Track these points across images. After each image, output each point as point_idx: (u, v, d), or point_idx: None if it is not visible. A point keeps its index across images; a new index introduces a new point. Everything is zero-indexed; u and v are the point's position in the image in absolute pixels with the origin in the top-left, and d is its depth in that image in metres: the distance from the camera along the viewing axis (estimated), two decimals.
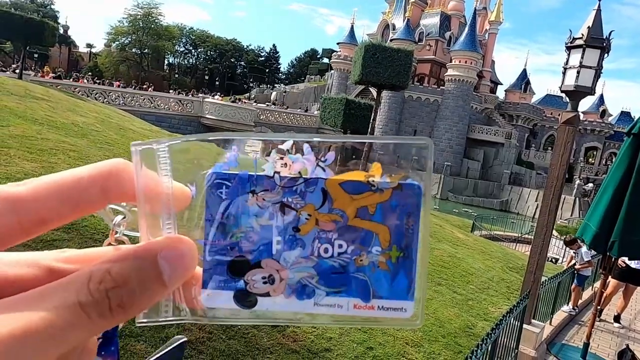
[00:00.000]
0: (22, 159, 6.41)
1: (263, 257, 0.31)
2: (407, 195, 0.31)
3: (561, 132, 5.21)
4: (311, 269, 0.31)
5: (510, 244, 17.00)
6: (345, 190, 0.31)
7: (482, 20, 56.42)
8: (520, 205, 42.62)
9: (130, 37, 67.79)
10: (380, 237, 0.31)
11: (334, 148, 0.32)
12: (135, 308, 0.26)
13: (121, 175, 0.29)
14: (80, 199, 0.28)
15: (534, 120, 54.75)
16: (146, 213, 0.30)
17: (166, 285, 0.27)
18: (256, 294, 0.30)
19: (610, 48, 5.12)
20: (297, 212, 0.31)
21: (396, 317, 0.31)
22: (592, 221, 5.36)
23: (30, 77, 24.01)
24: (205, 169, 0.31)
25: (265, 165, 0.31)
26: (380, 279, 0.31)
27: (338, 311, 0.31)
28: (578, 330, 7.57)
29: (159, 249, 0.27)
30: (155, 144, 0.30)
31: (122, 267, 0.26)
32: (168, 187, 0.30)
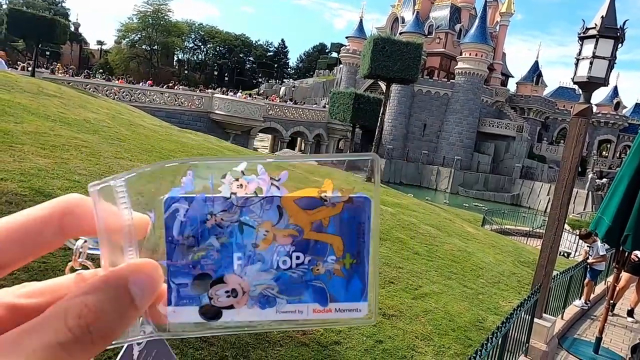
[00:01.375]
0: (35, 155, 6.51)
1: (225, 273, 0.32)
2: (357, 207, 0.34)
3: (573, 125, 5.14)
4: (271, 281, 0.33)
5: (521, 238, 16.86)
6: (299, 206, 0.33)
7: (493, 12, 55.59)
8: (532, 199, 42.17)
9: (140, 33, 68.22)
10: (334, 247, 0.34)
11: (286, 168, 0.34)
12: (115, 336, 0.27)
13: (77, 212, 0.29)
14: (37, 241, 0.28)
15: (546, 113, 53.98)
16: (108, 244, 0.30)
17: (138, 309, 0.28)
18: (220, 307, 0.32)
19: (625, 38, 5.02)
20: (255, 230, 0.33)
21: (352, 317, 0.34)
22: (606, 215, 5.29)
23: (43, 74, 24.34)
24: (162, 194, 0.32)
25: (222, 187, 0.33)
26: (336, 284, 0.33)
27: (299, 316, 0.33)
28: (590, 324, 7.49)
29: (128, 275, 0.28)
30: (112, 180, 0.31)
31: (98, 299, 0.26)
32: (129, 219, 0.30)
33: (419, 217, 11.09)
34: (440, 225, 11.11)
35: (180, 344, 3.52)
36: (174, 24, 70.05)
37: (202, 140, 14.91)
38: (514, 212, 24.97)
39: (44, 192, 5.30)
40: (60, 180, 5.84)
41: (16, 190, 5.14)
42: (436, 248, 8.55)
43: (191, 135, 15.37)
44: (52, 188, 5.46)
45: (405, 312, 5.42)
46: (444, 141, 47.48)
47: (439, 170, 45.46)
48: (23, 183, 5.35)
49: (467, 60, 46.70)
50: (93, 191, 0.31)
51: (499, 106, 51.75)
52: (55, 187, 5.52)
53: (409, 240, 8.48)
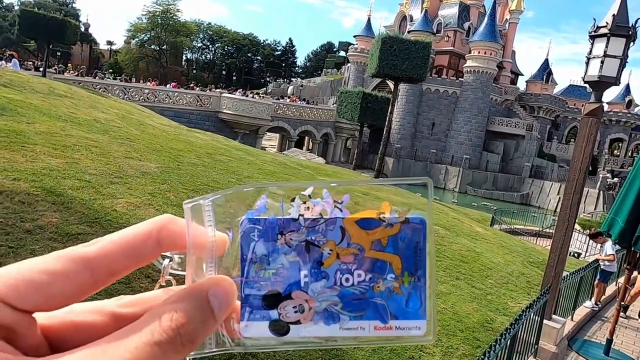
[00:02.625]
0: (47, 155, 6.60)
1: (293, 290, 0.35)
2: (414, 227, 0.36)
3: (584, 124, 5.09)
4: (335, 297, 0.35)
5: (530, 238, 16.71)
6: (360, 226, 0.36)
7: (503, 10, 55.09)
8: (542, 199, 41.77)
9: (149, 33, 68.72)
10: (393, 265, 0.35)
11: (349, 191, 0.37)
12: (199, 341, 0.30)
13: (171, 228, 0.34)
14: (141, 252, 0.33)
15: (556, 112, 53.40)
16: (193, 259, 0.34)
17: (216, 320, 0.31)
18: (288, 322, 0.34)
19: (637, 36, 4.95)
20: (320, 249, 0.35)
21: (412, 335, 0.35)
22: (620, 216, 5.23)
23: (54, 75, 24.63)
24: (239, 216, 0.36)
25: (291, 209, 0.36)
26: (396, 302, 0.35)
27: (361, 333, 0.35)
28: (601, 326, 7.42)
29: (208, 288, 0.31)
30: (202, 200, 0.35)
31: (185, 307, 0.30)
32: (212, 237, 0.35)
33: None
34: (449, 224, 11.06)
35: None
36: (183, 24, 70.46)
37: (210, 140, 14.99)
38: (524, 212, 24.74)
39: (56, 191, 5.37)
40: (71, 180, 5.91)
41: (28, 190, 5.21)
42: (444, 248, 8.52)
43: (199, 135, 15.46)
44: (63, 188, 5.54)
45: None
46: (452, 140, 47.19)
47: (447, 170, 45.22)
48: (35, 183, 5.42)
49: (476, 59, 46.35)
50: (187, 208, 0.35)
51: (508, 105, 51.31)
52: (67, 187, 5.59)
53: None
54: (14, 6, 67.22)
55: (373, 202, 0.37)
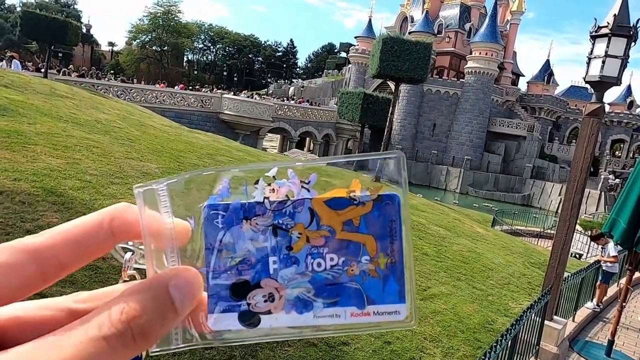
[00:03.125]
0: (48, 156, 6.61)
1: (262, 278, 0.33)
2: (387, 205, 0.34)
3: (585, 125, 5.07)
4: (307, 284, 0.33)
5: (532, 239, 16.68)
6: (330, 207, 0.34)
7: (504, 11, 55.08)
8: (543, 200, 41.70)
9: (151, 34, 68.85)
10: (367, 246, 0.33)
11: (315, 170, 0.35)
12: (155, 336, 0.28)
13: (125, 216, 0.32)
14: (92, 243, 0.30)
15: (558, 113, 53.34)
16: (152, 249, 0.32)
17: (178, 313, 0.29)
18: (259, 312, 0.33)
19: (638, 36, 4.94)
20: (288, 232, 0.33)
21: (392, 320, 0.33)
22: (622, 217, 5.22)
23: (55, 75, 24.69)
24: (201, 202, 0.34)
25: (255, 192, 0.34)
26: (372, 285, 0.33)
27: (337, 321, 0.33)
28: (602, 327, 7.39)
29: (169, 279, 0.29)
30: (155, 184, 0.33)
31: (139, 299, 0.28)
32: (170, 224, 0.32)
33: (428, 218, 11.03)
34: (450, 225, 11.04)
35: None
36: (184, 25, 70.56)
37: (211, 141, 15.00)
38: (525, 213, 24.70)
39: (56, 192, 5.37)
40: (72, 180, 5.92)
41: (29, 190, 5.22)
42: (445, 249, 8.50)
43: (200, 136, 15.47)
44: (64, 188, 5.54)
45: None
46: (453, 141, 47.15)
47: (448, 170, 45.17)
48: (36, 183, 5.43)
49: (477, 60, 46.32)
50: (138, 193, 0.33)
51: (509, 105, 51.26)
52: (67, 187, 5.60)
53: (418, 240, 8.44)
54: (16, 7, 67.45)
55: (342, 181, 0.35)
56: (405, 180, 0.34)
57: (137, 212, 0.32)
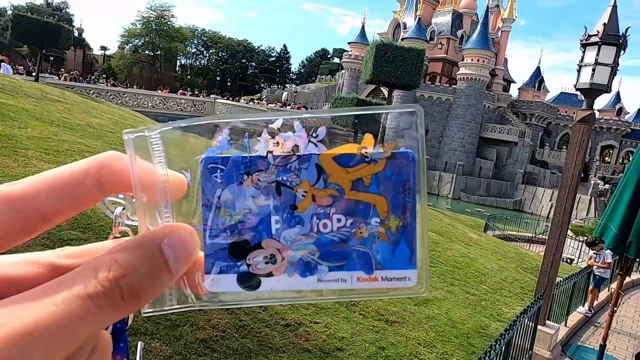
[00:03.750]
0: (39, 160, 6.55)
1: (263, 238, 0.31)
2: (401, 163, 0.31)
3: (576, 131, 5.14)
4: (312, 245, 0.31)
5: (524, 244, 16.79)
6: (339, 163, 0.31)
7: (495, 18, 55.75)
8: (535, 205, 42.04)
9: (143, 39, 68.58)
10: (378, 207, 0.31)
11: (325, 123, 0.32)
12: (146, 296, 0.26)
13: (114, 166, 0.29)
14: (77, 193, 0.28)
15: (548, 119, 53.95)
16: (144, 203, 0.30)
17: (172, 272, 0.27)
18: (259, 274, 0.31)
19: (627, 45, 5.03)
20: (293, 190, 0.31)
21: (400, 286, 0.31)
22: (613, 222, 5.27)
23: (47, 79, 24.50)
24: (198, 154, 0.31)
25: (258, 145, 0.31)
26: (382, 249, 0.31)
27: (342, 285, 0.31)
28: (594, 332, 7.45)
29: (162, 237, 0.27)
30: (147, 131, 0.30)
31: (129, 256, 0.26)
32: (163, 175, 0.30)
33: None
34: (443, 230, 11.09)
35: (182, 349, 3.52)
36: (177, 30, 70.43)
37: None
38: (517, 218, 24.87)
39: None
40: None
41: None
42: (438, 254, 8.53)
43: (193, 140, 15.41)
44: None
45: (407, 318, 5.41)
46: (445, 146, 47.47)
47: (440, 176, 45.41)
48: None
49: (469, 66, 46.77)
50: (128, 139, 0.30)
51: (501, 112, 51.75)
52: None
53: None
54: (7, 10, 66.89)
55: None
56: (422, 137, 0.31)
57: (127, 162, 0.29)
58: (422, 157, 0.31)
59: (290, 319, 4.42)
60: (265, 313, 4.35)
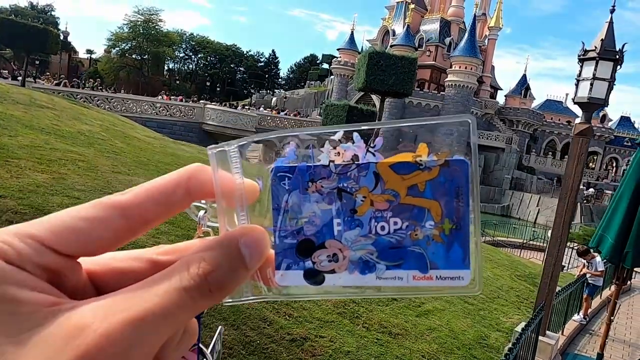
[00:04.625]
0: (32, 170, 6.40)
1: (326, 238, 0.34)
2: (454, 170, 0.33)
3: (575, 144, 5.22)
4: (370, 246, 0.33)
5: (514, 250, 16.97)
6: (395, 171, 0.34)
7: (482, 26, 56.67)
8: (522, 210, 42.61)
9: (131, 43, 67.93)
10: (432, 211, 0.33)
11: (381, 134, 0.35)
12: (228, 289, 0.31)
13: (200, 177, 0.34)
14: (171, 200, 0.33)
15: (534, 125, 54.88)
16: (223, 208, 0.34)
17: (248, 268, 0.31)
18: (323, 271, 0.34)
19: (623, 60, 5.14)
20: (353, 196, 0.34)
21: (454, 285, 0.33)
22: (609, 233, 5.35)
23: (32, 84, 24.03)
24: (268, 164, 0.35)
25: (321, 155, 0.34)
26: (436, 250, 0.33)
27: (399, 283, 0.33)
28: (590, 339, 7.54)
29: (239, 237, 0.32)
30: (226, 146, 0.35)
31: (213, 255, 0.30)
32: (240, 184, 0.34)
33: None
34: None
35: None
36: (165, 34, 69.90)
37: (197, 153, 14.81)
38: (505, 223, 25.17)
39: (44, 209, 5.19)
40: (59, 196, 5.73)
41: (16, 208, 5.02)
42: None
43: (185, 147, 15.27)
44: (52, 205, 5.36)
45: (410, 330, 5.40)
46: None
47: None
48: (22, 200, 5.23)
49: (456, 73, 47.39)
50: (211, 154, 0.34)
51: (488, 118, 52.48)
52: (55, 204, 5.41)
53: None
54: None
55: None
56: (475, 145, 0.33)
57: (210, 173, 0.34)
58: (474, 164, 0.33)
59: (295, 333, 4.38)
60: (270, 328, 4.29)
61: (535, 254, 16.20)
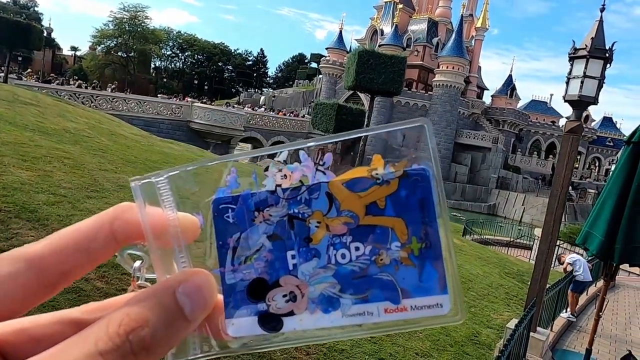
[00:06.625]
0: (17, 168, 6.23)
1: (280, 275, 0.30)
2: (416, 181, 0.30)
3: (565, 141, 5.27)
4: (331, 278, 0.29)
5: (502, 248, 17.17)
6: (350, 189, 0.30)
7: (469, 27, 57.22)
8: (508, 209, 43.17)
9: (116, 40, 66.92)
10: (396, 231, 0.29)
11: (330, 149, 0.31)
12: (160, 348, 0.26)
13: (126, 217, 0.29)
14: (93, 247, 0.28)
15: (520, 125, 55.65)
16: (158, 250, 0.29)
17: (189, 320, 0.27)
18: (280, 315, 0.29)
19: (613, 59, 5.20)
20: (306, 222, 0.30)
21: (433, 315, 0.29)
22: (597, 230, 5.41)
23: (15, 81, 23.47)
24: (208, 196, 0.30)
25: (266, 180, 0.30)
26: (407, 276, 0.29)
27: (369, 319, 0.29)
28: (577, 335, 7.65)
29: (176, 285, 0.27)
30: (154, 177, 0.30)
31: (141, 308, 0.25)
32: (174, 219, 0.30)
33: None
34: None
35: None
36: (152, 31, 69.03)
37: (185, 150, 14.66)
38: (491, 222, 25.46)
39: (29, 207, 5.05)
40: (45, 194, 5.58)
41: (0, 206, 4.88)
42: None
43: (173, 145, 15.09)
44: (37, 203, 5.22)
45: None
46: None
47: None
48: (7, 198, 5.08)
49: (444, 73, 47.78)
50: (134, 187, 0.30)
51: (475, 118, 53.04)
52: (41, 202, 5.27)
53: None
54: None
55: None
56: (434, 151, 0.30)
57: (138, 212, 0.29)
58: (437, 171, 0.30)
59: None
60: None
61: (522, 252, 16.41)
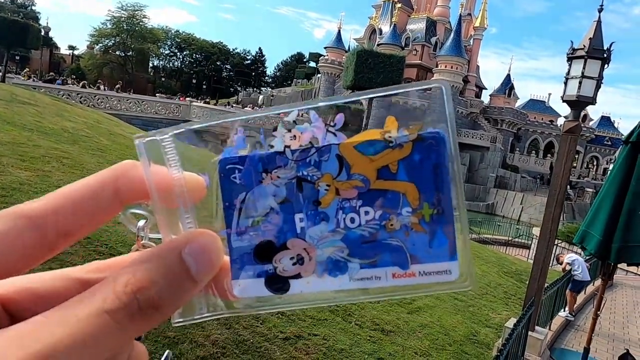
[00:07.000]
0: (15, 168, 6.22)
1: (288, 238, 0.29)
2: (430, 145, 0.29)
3: (564, 141, 5.30)
4: (340, 242, 0.29)
5: (500, 248, 17.22)
6: (361, 152, 0.29)
7: (467, 26, 57.28)
8: (506, 208, 43.26)
9: (114, 39, 66.78)
10: (408, 196, 0.29)
11: (341, 110, 0.31)
12: (169, 307, 0.26)
13: (130, 174, 0.28)
14: (95, 205, 0.27)
15: (518, 125, 55.75)
16: (163, 210, 0.29)
17: (195, 281, 0.26)
18: (287, 277, 0.29)
19: (611, 59, 5.22)
20: (314, 185, 0.29)
21: (441, 281, 0.29)
22: (595, 229, 5.44)
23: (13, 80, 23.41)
24: (214, 155, 0.30)
25: (274, 141, 0.29)
26: (417, 242, 0.29)
27: (377, 283, 0.29)
28: (575, 334, 7.68)
29: (182, 245, 0.27)
30: (158, 135, 0.29)
31: (147, 268, 0.25)
32: (180, 178, 0.29)
33: None
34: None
35: None
36: (150, 30, 68.90)
37: (183, 150, 14.64)
38: (490, 221, 25.54)
39: None
40: (44, 194, 5.55)
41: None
42: None
43: None
44: None
45: (402, 327, 5.41)
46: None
47: None
48: (5, 198, 5.08)
49: (442, 72, 47.82)
50: (139, 144, 0.29)
51: (473, 117, 53.10)
52: None
53: None
54: None
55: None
56: (451, 115, 0.29)
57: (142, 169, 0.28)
58: (452, 135, 0.29)
59: (288, 332, 4.34)
60: (263, 326, 4.25)
61: (520, 251, 16.46)
